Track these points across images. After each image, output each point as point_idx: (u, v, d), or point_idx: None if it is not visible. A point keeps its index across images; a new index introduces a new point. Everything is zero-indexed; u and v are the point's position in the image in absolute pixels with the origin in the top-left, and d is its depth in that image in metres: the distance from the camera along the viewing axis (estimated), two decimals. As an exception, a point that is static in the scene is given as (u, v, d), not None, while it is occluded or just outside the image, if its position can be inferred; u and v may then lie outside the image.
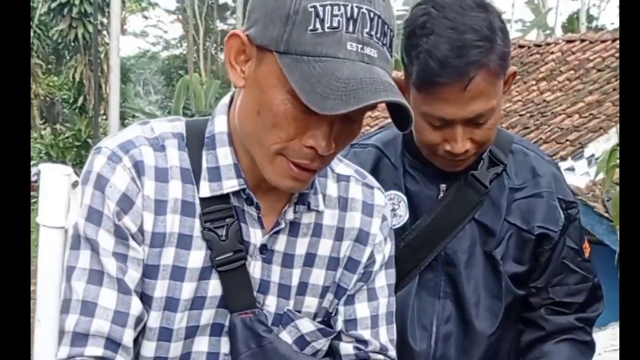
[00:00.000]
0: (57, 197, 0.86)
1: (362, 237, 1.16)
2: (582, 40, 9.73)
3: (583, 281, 1.46)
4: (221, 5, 34.51)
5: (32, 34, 21.36)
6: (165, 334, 1.05)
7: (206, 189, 1.04)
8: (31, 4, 20.60)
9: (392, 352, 1.22)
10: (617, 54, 8.68)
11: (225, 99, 1.10)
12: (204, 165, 1.05)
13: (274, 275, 1.09)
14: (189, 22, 30.11)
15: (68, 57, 20.74)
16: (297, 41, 0.92)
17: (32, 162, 15.62)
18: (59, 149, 17.45)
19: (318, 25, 0.91)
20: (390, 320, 1.22)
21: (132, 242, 1.01)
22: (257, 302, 1.08)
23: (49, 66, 25.30)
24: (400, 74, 1.37)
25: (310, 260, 1.12)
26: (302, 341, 1.13)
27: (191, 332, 1.06)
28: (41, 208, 0.87)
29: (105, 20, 18.68)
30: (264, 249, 1.08)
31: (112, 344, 0.99)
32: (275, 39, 0.93)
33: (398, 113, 0.96)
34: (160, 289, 1.03)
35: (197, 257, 1.04)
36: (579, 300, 1.46)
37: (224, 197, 1.05)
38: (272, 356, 1.08)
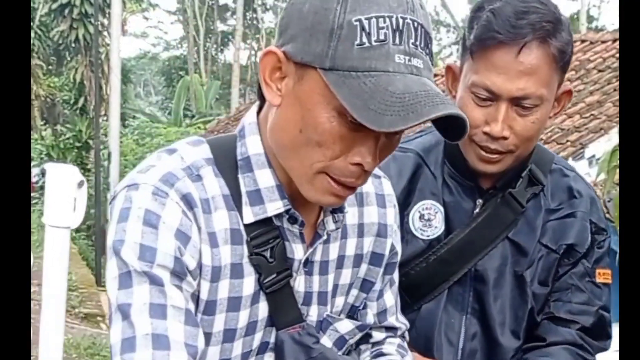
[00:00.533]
0: (63, 197, 0.86)
1: (381, 231, 1.16)
2: (583, 41, 9.72)
3: (587, 303, 1.41)
4: (221, 6, 34.49)
5: (32, 35, 21.35)
6: None
7: (249, 215, 1.01)
8: (32, 4, 20.59)
9: (408, 325, 1.28)
10: (618, 55, 8.67)
11: (251, 117, 1.05)
12: (243, 189, 1.01)
13: (315, 285, 1.09)
14: (190, 23, 30.09)
15: (69, 58, 20.71)
16: (343, 57, 0.88)
17: (32, 163, 15.61)
18: (59, 149, 17.43)
19: (365, 39, 0.88)
20: (398, 294, 1.25)
21: (189, 278, 0.96)
22: (302, 315, 1.07)
23: (50, 67, 25.28)
24: (455, 62, 1.38)
25: (340, 262, 1.12)
26: (341, 341, 1.13)
27: (245, 357, 1.05)
28: (47, 208, 0.87)
29: (105, 21, 18.66)
30: (306, 262, 1.06)
31: None
32: (319, 55, 0.90)
33: (449, 124, 0.93)
34: (218, 323, 1.00)
35: (248, 283, 1.02)
36: (581, 321, 1.41)
37: (267, 220, 1.02)
38: None
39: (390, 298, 1.22)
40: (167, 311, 0.93)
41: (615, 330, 1.39)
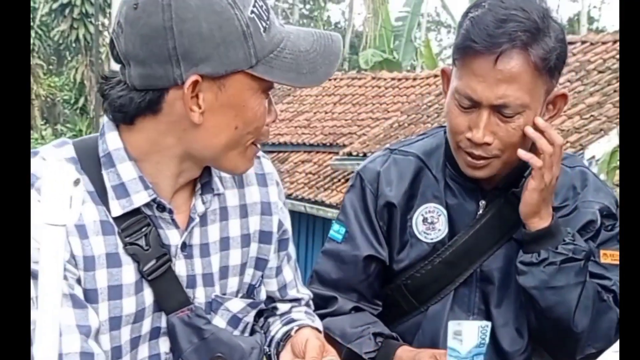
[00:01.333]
0: (59, 194, 0.86)
1: (265, 209, 1.20)
2: (583, 42, 9.72)
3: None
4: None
5: (33, 34, 21.37)
6: (116, 353, 1.07)
7: (117, 208, 1.05)
8: (32, 4, 20.61)
9: (310, 295, 1.34)
10: (618, 56, 8.67)
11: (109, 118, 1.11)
12: (108, 184, 1.06)
13: (197, 268, 1.13)
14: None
15: (69, 58, 20.74)
16: (261, 48, 0.99)
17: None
18: (59, 149, 17.46)
19: (264, 23, 1.00)
20: (296, 267, 1.31)
21: (68, 266, 1.01)
22: (189, 298, 1.11)
23: (50, 67, 25.30)
24: (450, 66, 1.38)
25: (225, 244, 1.15)
26: (234, 320, 1.17)
27: (135, 342, 1.09)
28: (43, 206, 0.87)
29: (106, 21, 18.68)
30: (184, 246, 1.11)
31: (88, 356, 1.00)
32: (243, 59, 0.99)
33: None
34: (102, 311, 1.04)
35: (128, 272, 1.06)
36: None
37: (136, 211, 1.07)
38: (215, 346, 1.11)
39: (289, 273, 1.27)
40: None
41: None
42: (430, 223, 1.42)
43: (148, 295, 1.08)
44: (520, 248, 1.39)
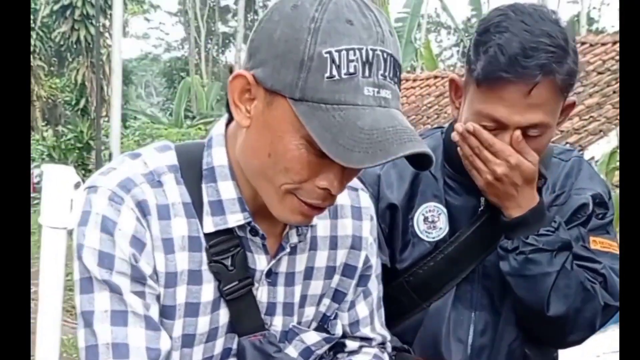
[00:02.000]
0: (59, 198, 0.87)
1: (355, 243, 1.16)
2: (583, 43, 9.73)
3: (578, 258, 1.40)
4: (222, 8, 34.51)
5: (34, 36, 21.39)
6: None
7: (210, 224, 1.02)
8: (33, 6, 20.63)
9: (388, 337, 1.27)
10: (617, 57, 8.67)
11: (219, 129, 1.07)
12: (205, 199, 1.03)
13: (279, 296, 1.10)
14: (191, 24, 30.10)
15: (70, 59, 20.73)
16: (313, 88, 0.89)
17: (34, 164, 15.62)
18: (60, 150, 17.44)
19: (335, 72, 0.88)
20: (379, 306, 1.25)
21: (149, 282, 0.99)
22: (265, 324, 1.08)
23: (51, 68, 25.32)
24: (459, 75, 1.37)
25: (309, 273, 1.13)
26: (307, 352, 1.14)
27: None
28: (43, 209, 0.88)
29: (107, 23, 18.69)
30: (269, 273, 1.08)
31: None
32: (289, 85, 0.90)
33: (417, 156, 0.94)
34: (177, 328, 1.02)
35: (207, 290, 1.03)
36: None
37: (228, 230, 1.04)
38: None
39: (364, 309, 1.22)
40: (128, 318, 0.96)
41: (615, 332, 1.39)
42: (431, 222, 1.42)
43: (224, 314, 1.05)
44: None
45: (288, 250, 1.08)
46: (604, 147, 7.03)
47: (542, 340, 1.43)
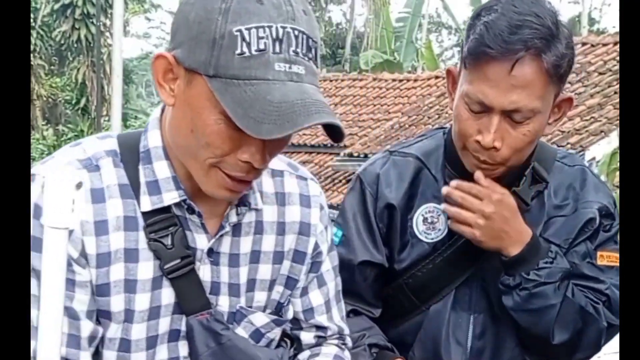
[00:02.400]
0: (61, 198, 0.87)
1: (304, 229, 1.19)
2: (584, 44, 9.73)
3: (583, 278, 1.40)
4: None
5: (35, 35, 21.39)
6: (125, 345, 1.08)
7: (147, 203, 1.06)
8: (34, 5, 20.63)
9: (347, 330, 1.30)
10: (618, 57, 8.67)
11: (156, 113, 1.12)
12: (142, 180, 1.07)
13: (223, 276, 1.13)
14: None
15: (71, 59, 20.76)
16: (225, 65, 0.94)
17: (34, 163, 15.58)
18: (61, 150, 17.48)
19: (245, 49, 0.93)
20: (338, 299, 1.28)
21: (75, 267, 1.03)
22: (210, 304, 1.11)
23: (52, 67, 25.32)
24: (456, 65, 1.38)
25: (255, 257, 1.15)
26: (257, 334, 1.16)
27: (152, 342, 1.09)
28: (45, 209, 0.88)
29: (107, 22, 18.71)
30: (210, 252, 1.11)
31: None
32: (203, 63, 0.95)
33: (331, 127, 0.99)
34: (116, 303, 1.05)
35: (146, 268, 1.07)
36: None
37: (166, 208, 1.08)
38: (231, 352, 1.11)
39: (318, 297, 1.24)
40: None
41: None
42: (430, 223, 1.42)
43: (167, 294, 1.09)
44: None
45: (228, 229, 1.11)
46: (605, 147, 7.03)
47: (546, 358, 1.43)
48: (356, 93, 13.05)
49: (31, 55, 20.14)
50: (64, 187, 0.87)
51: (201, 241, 1.10)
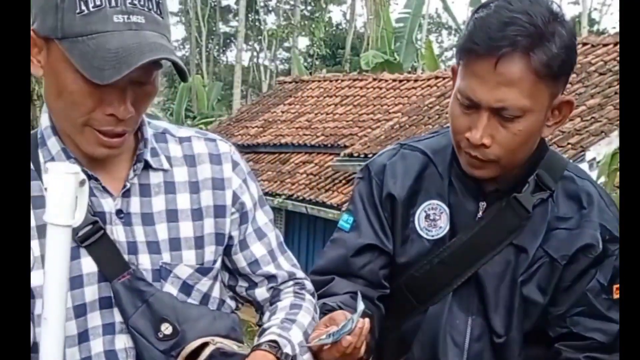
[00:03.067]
0: (64, 195, 0.87)
1: (217, 184, 1.25)
2: (584, 44, 9.71)
3: (603, 320, 1.36)
4: (224, 8, 34.50)
5: (35, 35, 21.33)
6: None
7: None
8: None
9: (300, 273, 1.34)
10: (618, 58, 8.66)
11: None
12: (42, 160, 1.14)
13: (138, 235, 1.16)
14: (192, 24, 30.10)
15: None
16: (69, 25, 1.04)
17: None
18: (61, 150, 17.44)
19: (84, 7, 1.04)
20: (283, 250, 1.33)
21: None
22: (131, 264, 1.15)
23: (52, 67, 25.24)
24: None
25: (172, 215, 1.20)
26: (186, 287, 1.19)
27: (80, 310, 1.12)
28: (48, 206, 0.88)
29: (108, 22, 18.65)
30: (120, 213, 1.16)
31: None
32: (52, 28, 1.05)
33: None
34: (36, 278, 1.07)
35: None
36: (596, 337, 1.36)
37: None
38: (159, 308, 1.14)
39: (260, 249, 1.29)
40: None
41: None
42: (432, 220, 1.42)
43: (87, 263, 1.13)
44: (519, 252, 1.38)
45: (128, 186, 1.17)
46: (606, 148, 7.01)
47: None
48: (356, 93, 13.04)
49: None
50: (67, 185, 0.87)
51: (107, 204, 1.15)
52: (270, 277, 1.30)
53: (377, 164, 1.48)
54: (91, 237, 1.13)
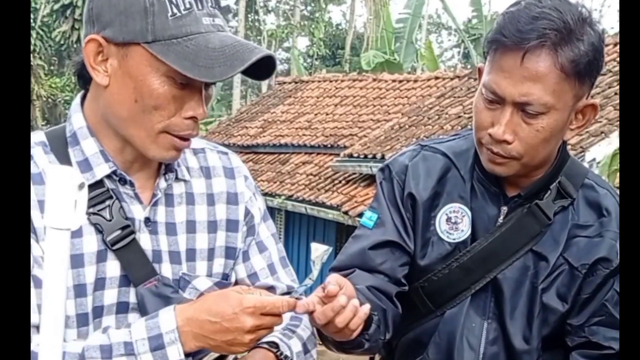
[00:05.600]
0: (63, 198, 0.87)
1: (231, 199, 1.27)
2: (584, 44, 9.71)
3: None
4: (223, 8, 34.43)
5: (34, 35, 21.39)
6: (83, 320, 1.12)
7: None
8: (34, 5, 20.62)
9: (300, 288, 1.33)
10: (619, 58, 8.66)
11: (77, 100, 1.19)
12: (73, 160, 1.14)
13: (162, 244, 1.18)
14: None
15: (70, 59, 20.72)
16: (161, 28, 1.05)
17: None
18: (60, 150, 17.46)
19: (175, 10, 1.05)
20: (285, 264, 1.35)
21: (31, 241, 1.09)
22: (156, 271, 1.16)
23: (52, 68, 25.32)
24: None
25: (191, 226, 1.22)
26: None
27: (97, 312, 1.13)
28: (47, 210, 0.88)
29: (107, 22, 18.67)
30: (147, 221, 1.17)
31: None
32: (140, 32, 1.05)
33: (263, 69, 1.09)
34: (68, 278, 1.08)
35: (90, 241, 1.12)
36: (614, 346, 1.36)
37: (100, 184, 1.14)
38: None
39: (260, 262, 1.30)
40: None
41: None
42: (453, 223, 1.41)
43: (113, 266, 1.13)
44: (539, 259, 1.38)
45: (160, 196, 1.18)
46: (606, 148, 7.02)
47: None
48: (356, 94, 13.04)
49: (31, 55, 20.13)
50: (66, 188, 0.87)
51: (137, 211, 1.16)
52: (269, 289, 1.29)
53: (398, 164, 1.48)
54: (121, 241, 1.13)
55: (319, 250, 1.18)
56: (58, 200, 0.87)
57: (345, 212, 9.26)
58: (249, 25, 31.39)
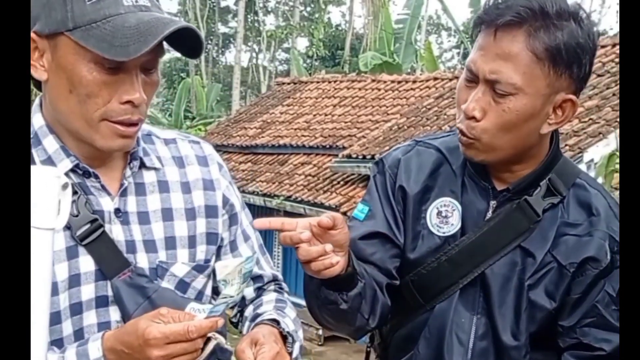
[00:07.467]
0: (47, 199, 0.87)
1: (207, 185, 1.27)
2: (583, 46, 9.72)
3: (613, 331, 1.35)
4: (223, 8, 34.52)
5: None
6: (55, 318, 1.11)
7: None
8: (33, 5, 20.55)
9: (280, 276, 1.40)
10: (617, 59, 8.68)
11: (37, 101, 1.20)
12: (38, 160, 1.14)
13: (135, 234, 1.18)
14: (191, 24, 30.09)
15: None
16: (80, 14, 1.05)
17: (32, 164, 15.52)
18: (59, 150, 17.43)
19: None
20: (263, 252, 1.38)
21: None
22: (129, 262, 1.15)
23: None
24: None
25: (168, 214, 1.22)
26: (182, 285, 1.21)
27: (76, 309, 1.13)
28: (32, 210, 0.88)
29: (106, 23, 18.66)
30: (118, 212, 1.17)
31: None
32: (61, 21, 1.06)
33: (190, 44, 1.11)
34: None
35: (58, 239, 1.11)
36: (605, 347, 1.36)
37: None
38: (161, 304, 1.14)
39: (247, 251, 1.32)
40: None
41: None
42: (444, 217, 1.42)
43: (86, 261, 1.13)
44: (526, 256, 1.38)
45: (126, 184, 1.18)
46: (603, 149, 7.03)
47: None
48: (355, 94, 13.05)
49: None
50: (50, 188, 0.87)
51: (106, 203, 1.16)
52: (257, 278, 1.34)
53: (391, 158, 1.49)
54: (90, 235, 1.13)
55: (228, 267, 1.10)
56: (42, 200, 0.87)
57: (344, 213, 9.27)
58: (248, 26, 31.40)
